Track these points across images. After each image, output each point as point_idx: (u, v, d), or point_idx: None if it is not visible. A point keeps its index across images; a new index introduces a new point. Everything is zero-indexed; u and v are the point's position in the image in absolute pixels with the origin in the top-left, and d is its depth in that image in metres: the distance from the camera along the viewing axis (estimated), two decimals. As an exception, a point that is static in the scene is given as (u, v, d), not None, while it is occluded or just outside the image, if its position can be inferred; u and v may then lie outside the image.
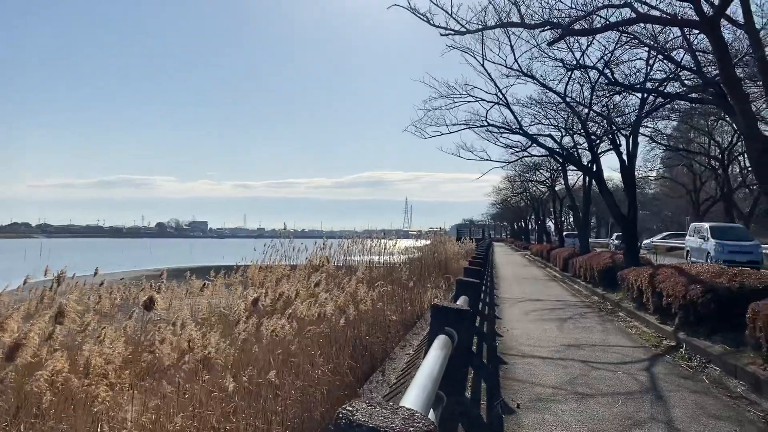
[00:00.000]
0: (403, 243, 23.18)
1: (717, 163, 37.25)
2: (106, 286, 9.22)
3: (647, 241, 43.34)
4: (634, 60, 12.51)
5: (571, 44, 11.93)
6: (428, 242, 25.65)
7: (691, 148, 37.98)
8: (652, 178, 52.32)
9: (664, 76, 11.41)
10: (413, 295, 13.61)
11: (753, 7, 8.55)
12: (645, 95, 14.48)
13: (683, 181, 49.72)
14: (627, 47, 10.95)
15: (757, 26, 8.78)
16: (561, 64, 12.22)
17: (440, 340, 2.74)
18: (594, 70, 12.16)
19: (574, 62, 11.80)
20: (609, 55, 11.00)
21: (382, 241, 16.18)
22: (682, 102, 21.50)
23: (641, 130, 15.86)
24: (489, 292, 14.66)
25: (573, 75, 14.72)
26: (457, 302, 4.33)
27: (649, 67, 12.12)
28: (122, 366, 4.90)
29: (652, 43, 9.93)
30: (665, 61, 10.49)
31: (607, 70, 11.05)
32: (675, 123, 33.14)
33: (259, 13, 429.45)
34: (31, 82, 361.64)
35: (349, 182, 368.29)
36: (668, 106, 15.92)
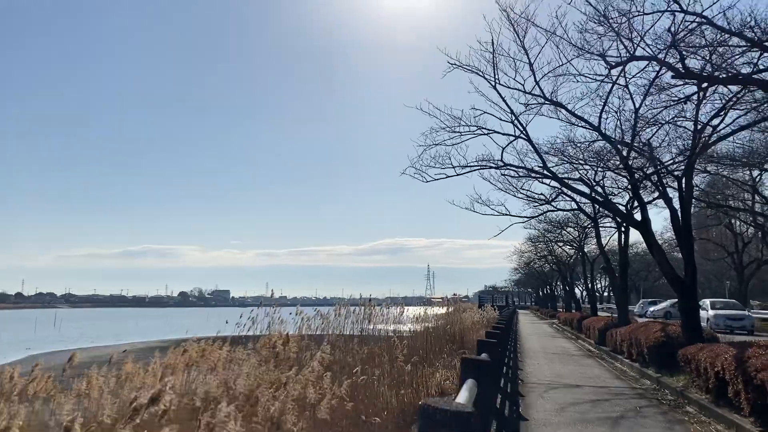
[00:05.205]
0: (413, 310, 20.16)
1: (762, 220, 33.82)
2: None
3: (656, 307, 38.69)
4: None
5: (606, 49, 9.16)
6: (445, 310, 22.68)
7: (732, 204, 34.64)
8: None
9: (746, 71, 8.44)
10: (417, 379, 10.60)
11: None
12: (698, 127, 11.66)
13: (722, 242, 46.13)
14: (685, 42, 8.08)
15: None
16: (602, 60, 9.37)
17: None
18: (653, 63, 9.11)
19: (626, 54, 8.78)
20: (673, 37, 8.01)
21: (377, 308, 13.15)
22: (724, 148, 18.59)
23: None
24: (512, 378, 11.52)
25: (607, 105, 11.99)
26: None
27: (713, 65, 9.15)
28: None
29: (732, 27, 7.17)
30: (753, 49, 7.67)
31: (672, 59, 8.15)
32: (708, 179, 30.17)
33: (275, 82, 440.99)
34: (53, 156, 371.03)
35: (369, 249, 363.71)
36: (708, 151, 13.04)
